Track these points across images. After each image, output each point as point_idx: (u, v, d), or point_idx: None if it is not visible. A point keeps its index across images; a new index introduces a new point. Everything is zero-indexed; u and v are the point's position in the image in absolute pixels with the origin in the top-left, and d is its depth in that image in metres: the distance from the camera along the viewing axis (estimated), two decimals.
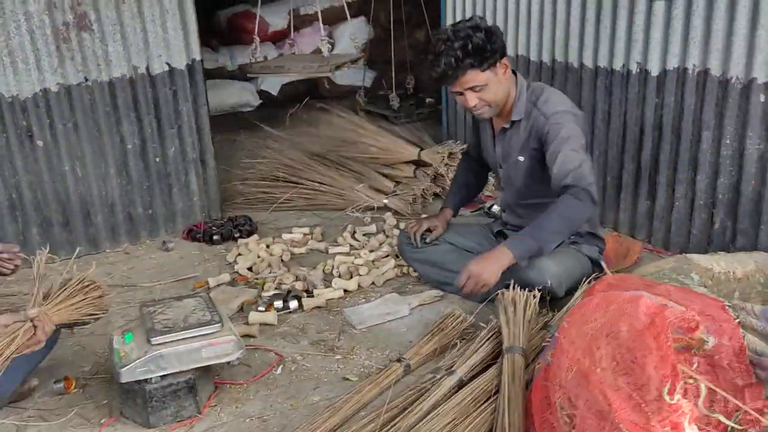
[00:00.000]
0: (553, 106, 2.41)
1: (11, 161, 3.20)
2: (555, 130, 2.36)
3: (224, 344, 2.03)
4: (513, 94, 2.47)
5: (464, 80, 2.32)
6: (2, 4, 3.00)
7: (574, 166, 2.31)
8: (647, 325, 1.38)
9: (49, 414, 2.14)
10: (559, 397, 1.51)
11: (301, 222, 3.74)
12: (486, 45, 2.28)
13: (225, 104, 6.76)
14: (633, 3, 2.93)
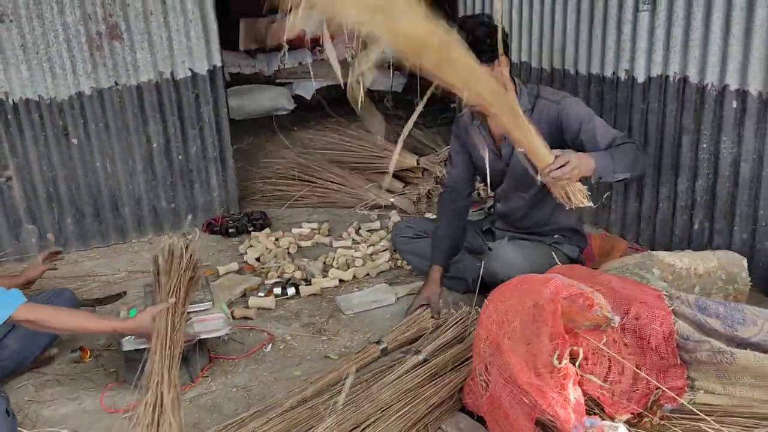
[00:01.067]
0: (557, 94, 2.53)
1: (49, 157, 3.53)
2: (574, 112, 2.43)
3: (214, 320, 2.28)
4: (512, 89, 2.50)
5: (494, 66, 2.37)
6: (42, 15, 3.34)
7: (614, 134, 2.39)
8: (546, 301, 1.55)
9: (65, 378, 2.43)
10: (478, 365, 1.69)
11: (312, 218, 3.97)
12: (484, 43, 2.33)
13: (261, 108, 7.08)
14: (621, 13, 3.07)
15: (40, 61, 3.40)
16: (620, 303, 1.89)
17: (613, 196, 3.37)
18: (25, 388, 2.38)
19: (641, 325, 1.84)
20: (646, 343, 1.82)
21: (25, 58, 3.36)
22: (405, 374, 2.12)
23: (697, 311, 1.87)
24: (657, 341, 1.81)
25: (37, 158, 3.51)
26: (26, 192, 3.54)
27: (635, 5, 2.99)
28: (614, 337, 1.82)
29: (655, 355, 1.80)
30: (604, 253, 3.10)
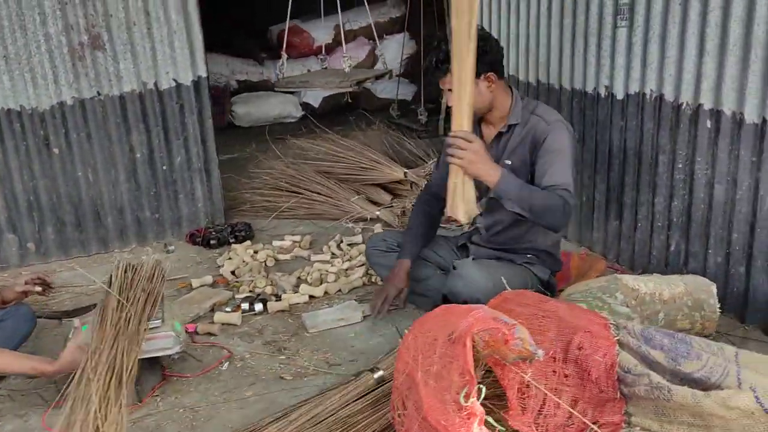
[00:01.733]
0: (553, 114, 2.48)
1: (30, 167, 3.56)
2: (553, 139, 2.39)
3: (163, 339, 2.25)
4: (507, 103, 2.51)
5: (444, 81, 2.39)
6: (25, 26, 3.37)
7: (562, 182, 2.33)
8: (459, 335, 1.49)
9: (17, 394, 2.42)
10: (395, 399, 1.64)
11: (297, 230, 3.95)
12: None
13: (269, 115, 7.10)
14: (601, 28, 2.99)
15: (22, 72, 3.43)
16: (564, 332, 1.83)
17: (594, 215, 3.29)
18: None
19: (584, 355, 1.77)
20: (587, 374, 1.75)
21: (7, 68, 3.40)
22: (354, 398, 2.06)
23: (643, 342, 1.79)
24: (598, 373, 1.74)
25: (18, 168, 3.54)
26: (7, 201, 3.57)
27: (614, 21, 2.91)
28: (555, 368, 1.76)
29: (595, 387, 1.73)
30: (582, 273, 3.02)
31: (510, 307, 1.84)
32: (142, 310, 2.30)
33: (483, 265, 2.50)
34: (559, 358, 1.78)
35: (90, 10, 3.47)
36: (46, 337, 2.85)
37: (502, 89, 2.49)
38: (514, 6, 3.59)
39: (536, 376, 1.71)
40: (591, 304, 2.28)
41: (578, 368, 1.77)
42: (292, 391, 2.34)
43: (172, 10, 3.58)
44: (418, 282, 2.73)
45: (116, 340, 2.13)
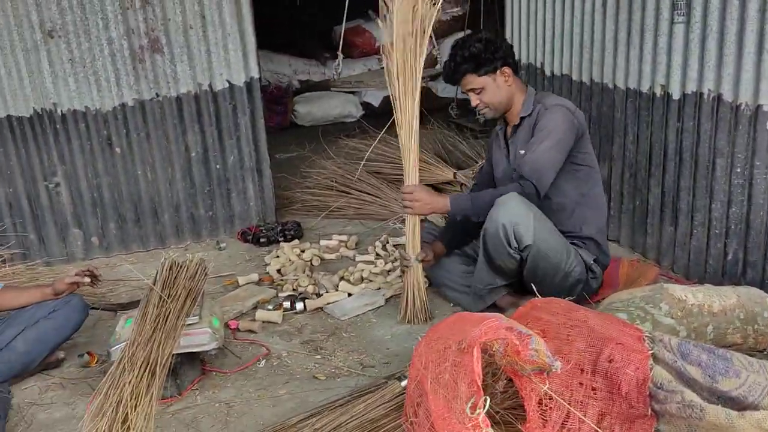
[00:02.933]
0: (555, 100, 2.63)
1: (94, 165, 3.73)
2: (545, 120, 2.54)
3: (199, 335, 2.31)
4: (521, 99, 2.67)
5: (464, 82, 2.62)
6: (89, 31, 3.52)
7: (534, 160, 2.48)
8: (469, 343, 1.45)
9: (68, 382, 2.54)
10: (407, 406, 1.61)
11: (345, 230, 3.97)
12: (482, 54, 2.55)
13: (329, 115, 7.18)
14: (657, 24, 2.87)
15: (87, 74, 3.59)
16: (594, 343, 1.76)
17: (648, 219, 3.16)
18: (31, 390, 2.51)
19: (614, 368, 1.70)
20: (616, 388, 1.68)
21: (73, 71, 3.56)
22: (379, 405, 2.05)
23: (679, 357, 1.70)
24: (629, 387, 1.66)
25: (83, 166, 3.71)
26: (73, 198, 3.75)
27: (671, 17, 2.78)
28: (582, 380, 1.69)
29: (625, 402, 1.65)
30: (631, 281, 2.90)
31: (537, 315, 1.79)
32: (181, 306, 2.37)
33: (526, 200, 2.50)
34: (588, 369, 1.72)
35: (150, 15, 3.60)
36: (102, 327, 2.98)
37: (518, 85, 2.65)
38: (569, 3, 3.48)
39: (560, 388, 1.66)
40: (632, 314, 2.19)
41: (608, 381, 1.70)
42: (325, 391, 2.35)
43: (226, 13, 3.67)
44: (455, 276, 2.73)
45: (154, 334, 2.20)
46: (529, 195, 2.43)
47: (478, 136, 5.59)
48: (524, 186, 2.45)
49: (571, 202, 2.64)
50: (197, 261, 2.65)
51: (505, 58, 2.58)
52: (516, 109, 2.66)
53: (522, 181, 2.46)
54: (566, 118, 2.52)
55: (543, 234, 2.45)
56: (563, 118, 2.51)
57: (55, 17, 3.45)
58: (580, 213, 2.65)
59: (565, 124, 2.51)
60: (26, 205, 3.69)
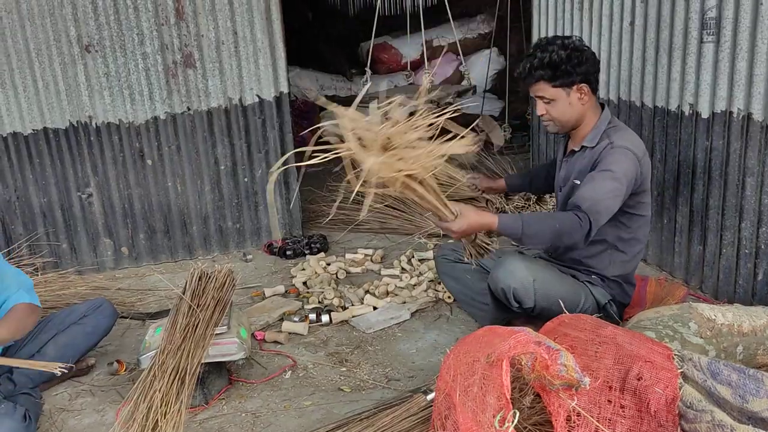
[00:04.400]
0: (624, 141, 2.38)
1: (125, 176, 3.81)
2: (607, 160, 2.34)
3: (227, 345, 2.34)
4: (593, 122, 2.46)
5: (535, 88, 2.41)
6: (124, 46, 3.62)
7: (596, 199, 2.27)
8: (497, 357, 1.45)
9: (98, 389, 2.58)
10: (435, 418, 1.62)
11: (371, 244, 4.00)
12: (562, 64, 2.32)
13: None
14: (686, 43, 2.87)
15: (121, 88, 3.68)
16: (623, 360, 1.75)
17: (676, 238, 3.13)
18: (62, 396, 2.56)
19: (643, 386, 1.69)
20: (645, 407, 1.67)
21: (108, 85, 3.66)
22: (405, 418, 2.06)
23: (709, 376, 1.69)
24: (658, 406, 1.65)
25: (115, 177, 3.80)
26: (104, 208, 3.83)
27: (700, 36, 2.78)
28: (610, 397, 1.69)
29: (654, 421, 1.64)
30: (658, 300, 2.88)
31: (565, 331, 1.79)
32: (210, 316, 2.40)
33: (528, 259, 2.45)
34: (616, 387, 1.71)
35: (184, 31, 3.68)
36: (131, 336, 3.03)
37: (593, 105, 2.44)
38: (596, 21, 3.50)
39: (588, 405, 1.65)
40: (660, 332, 2.17)
41: (636, 399, 1.69)
42: (350, 403, 2.36)
43: (258, 29, 3.74)
44: (474, 293, 2.72)
45: (183, 343, 2.23)
46: (583, 233, 2.24)
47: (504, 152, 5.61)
48: (581, 220, 2.23)
49: (605, 243, 2.48)
50: (226, 272, 2.69)
51: (586, 74, 2.34)
52: (583, 132, 2.46)
53: (580, 213, 2.24)
54: (632, 166, 2.33)
55: (545, 292, 2.33)
56: (629, 165, 2.32)
57: (93, 32, 3.55)
58: (611, 256, 2.50)
59: (630, 173, 2.32)
60: (59, 215, 3.77)
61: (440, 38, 7.79)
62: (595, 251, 2.51)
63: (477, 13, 7.81)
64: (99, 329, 2.60)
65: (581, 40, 2.41)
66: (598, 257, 2.52)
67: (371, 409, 2.18)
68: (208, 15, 3.66)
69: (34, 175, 3.68)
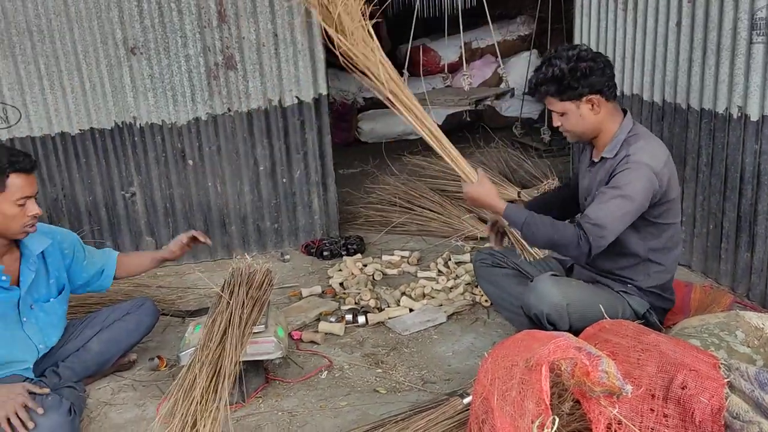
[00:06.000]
0: (641, 154, 2.28)
1: (167, 176, 3.88)
2: (621, 177, 2.27)
3: (265, 344, 2.36)
4: (612, 131, 2.38)
5: (546, 101, 2.39)
6: (168, 48, 3.69)
7: (602, 220, 2.21)
8: (536, 362, 1.43)
9: (139, 384, 2.63)
10: (471, 422, 1.60)
11: (408, 246, 3.99)
12: (565, 78, 2.27)
13: (393, 132, 7.25)
14: (735, 44, 2.79)
15: (164, 89, 3.75)
16: (667, 368, 1.71)
17: (722, 245, 3.05)
18: (104, 390, 2.61)
19: (687, 395, 1.65)
20: (689, 416, 1.62)
21: (152, 86, 3.73)
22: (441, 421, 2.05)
23: (757, 387, 1.64)
24: (703, 416, 1.61)
25: (158, 177, 3.87)
26: (147, 207, 3.91)
27: (749, 36, 2.70)
28: (653, 406, 1.65)
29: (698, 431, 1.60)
30: (703, 307, 2.80)
31: (606, 337, 1.75)
32: (248, 315, 2.43)
33: (561, 282, 2.40)
34: (659, 395, 1.67)
35: (225, 33, 3.74)
36: (171, 333, 3.09)
37: (611, 113, 2.36)
38: (641, 22, 3.43)
39: (630, 413, 1.62)
40: (706, 341, 2.11)
41: (680, 409, 1.64)
42: (385, 405, 2.36)
43: (298, 31, 3.77)
44: (511, 297, 2.68)
45: (222, 341, 2.26)
46: (581, 243, 2.21)
47: (543, 155, 5.55)
48: (581, 239, 2.21)
49: (638, 257, 2.41)
50: (264, 271, 2.71)
51: (593, 85, 2.27)
52: (603, 140, 2.39)
53: (581, 232, 2.22)
54: (648, 183, 2.24)
55: (581, 314, 2.26)
56: (644, 183, 2.23)
57: (138, 35, 3.63)
58: (648, 268, 2.43)
59: (644, 191, 2.24)
60: (104, 213, 3.87)
61: (479, 40, 7.74)
62: (627, 264, 2.44)
63: (517, 15, 7.74)
64: (141, 326, 2.65)
65: (588, 50, 2.32)
66: (633, 269, 2.44)
67: (407, 411, 2.17)
68: (250, 17, 3.70)
69: (80, 174, 3.78)
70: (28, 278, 2.32)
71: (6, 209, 2.18)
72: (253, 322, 2.43)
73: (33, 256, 2.34)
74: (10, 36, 3.50)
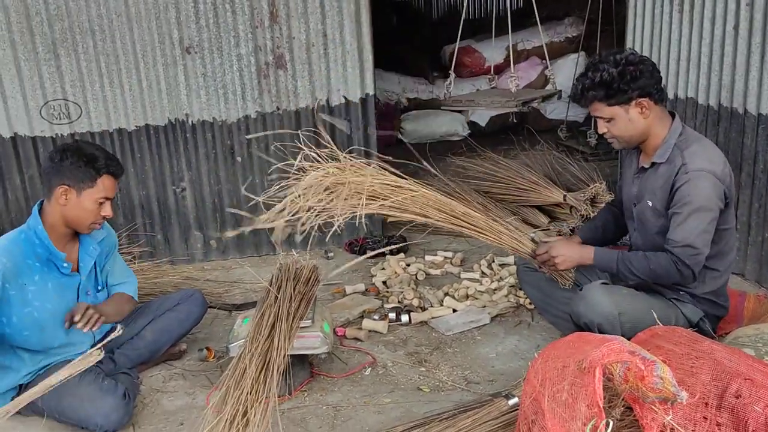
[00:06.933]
0: (699, 161, 2.25)
1: (216, 172, 3.96)
2: (687, 191, 2.24)
3: (311, 338, 2.40)
4: (661, 135, 2.35)
5: (592, 108, 2.35)
6: (221, 48, 3.77)
7: (690, 240, 2.21)
8: (589, 364, 1.42)
9: (189, 374, 2.70)
10: (521, 422, 1.59)
11: (450, 246, 3.99)
12: (614, 82, 2.25)
13: (435, 133, 7.27)
14: None
15: (216, 88, 3.83)
16: (721, 377, 1.68)
17: None
18: (156, 378, 2.69)
19: (741, 404, 1.62)
20: (743, 425, 1.59)
21: (204, 84, 3.82)
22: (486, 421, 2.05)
23: None
24: (757, 425, 1.57)
25: (207, 173, 3.96)
26: (196, 202, 4.00)
27: None
28: (706, 414, 1.62)
29: None
30: (757, 317, 2.73)
31: (659, 344, 1.73)
32: (296, 309, 2.47)
33: (612, 290, 2.36)
34: (713, 404, 1.64)
35: (276, 33, 3.80)
36: (218, 325, 3.16)
37: (659, 116, 2.33)
38: (697, 24, 3.36)
39: (683, 421, 1.59)
40: (760, 350, 2.07)
41: (734, 418, 1.61)
42: (429, 403, 2.37)
43: (347, 32, 3.81)
44: (556, 302, 2.66)
45: (270, 335, 2.31)
46: (680, 266, 2.22)
47: (589, 159, 5.48)
48: (678, 264, 2.22)
49: None
50: (311, 267, 2.75)
51: (643, 88, 2.24)
52: (652, 144, 2.36)
53: (673, 257, 2.23)
54: (715, 190, 2.22)
55: (633, 324, 2.22)
56: (712, 191, 2.22)
57: (193, 35, 3.72)
58: (703, 274, 2.37)
59: (715, 197, 2.23)
60: (156, 208, 3.97)
61: (525, 42, 7.67)
62: None
63: (564, 16, 7.66)
64: (191, 317, 2.72)
65: (635, 53, 2.31)
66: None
67: (451, 410, 2.17)
68: (300, 18, 3.76)
69: (135, 169, 3.89)
70: (87, 265, 2.42)
71: (87, 204, 2.31)
72: (300, 316, 2.47)
73: (93, 244, 2.44)
74: (74, 35, 3.62)
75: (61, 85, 3.67)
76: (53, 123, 3.73)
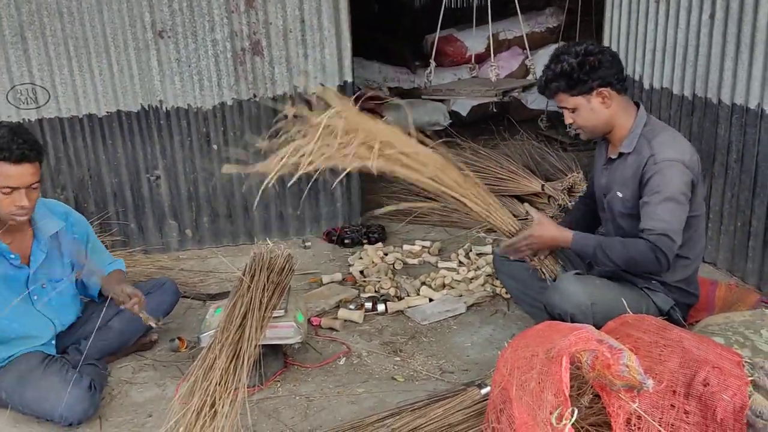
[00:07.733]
0: (667, 151, 2.28)
1: (192, 160, 3.91)
2: (657, 181, 2.26)
3: (284, 328, 2.38)
4: (627, 125, 2.38)
5: (557, 99, 2.39)
6: (196, 33, 3.70)
7: (655, 227, 2.23)
8: (557, 352, 1.41)
9: (160, 365, 2.67)
10: (490, 411, 1.59)
11: (429, 236, 3.98)
12: (574, 72, 2.28)
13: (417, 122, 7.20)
14: None
15: (191, 74, 3.77)
16: (689, 365, 1.69)
17: (750, 243, 3.00)
18: (126, 369, 2.65)
19: (709, 393, 1.62)
20: (711, 414, 1.60)
21: (179, 70, 3.75)
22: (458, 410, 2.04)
23: None
24: (725, 414, 1.58)
25: (182, 161, 3.90)
26: (171, 190, 3.94)
27: None
28: (674, 402, 1.63)
29: (719, 429, 1.58)
30: (728, 305, 2.76)
31: (628, 332, 1.73)
32: (269, 299, 2.44)
33: (585, 281, 2.36)
34: (680, 392, 1.65)
35: (253, 18, 3.74)
36: (192, 315, 3.12)
37: (622, 106, 2.35)
38: (673, 14, 3.37)
39: (650, 409, 1.60)
40: (730, 339, 2.08)
41: (702, 406, 1.62)
42: (403, 393, 2.36)
43: (325, 18, 3.76)
44: (531, 290, 2.65)
45: (242, 324, 2.28)
46: (657, 253, 2.21)
47: (568, 148, 5.49)
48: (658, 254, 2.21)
49: None
50: (285, 256, 2.72)
51: (603, 78, 2.28)
52: (618, 135, 2.39)
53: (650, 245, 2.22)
54: (683, 178, 2.25)
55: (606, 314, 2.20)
56: (680, 179, 2.25)
57: (166, 18, 3.65)
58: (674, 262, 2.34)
59: (685, 186, 2.26)
60: (129, 196, 3.91)
61: (506, 31, 7.65)
62: None
63: (545, 7, 7.64)
64: (162, 306, 2.68)
65: (595, 44, 2.34)
66: None
67: (424, 399, 2.17)
68: (277, 3, 3.70)
69: (106, 155, 3.82)
70: (38, 258, 2.37)
71: None
72: (273, 306, 2.45)
73: (45, 238, 2.38)
74: (41, 17, 3.54)
75: (28, 69, 3.59)
76: (20, 108, 3.64)
